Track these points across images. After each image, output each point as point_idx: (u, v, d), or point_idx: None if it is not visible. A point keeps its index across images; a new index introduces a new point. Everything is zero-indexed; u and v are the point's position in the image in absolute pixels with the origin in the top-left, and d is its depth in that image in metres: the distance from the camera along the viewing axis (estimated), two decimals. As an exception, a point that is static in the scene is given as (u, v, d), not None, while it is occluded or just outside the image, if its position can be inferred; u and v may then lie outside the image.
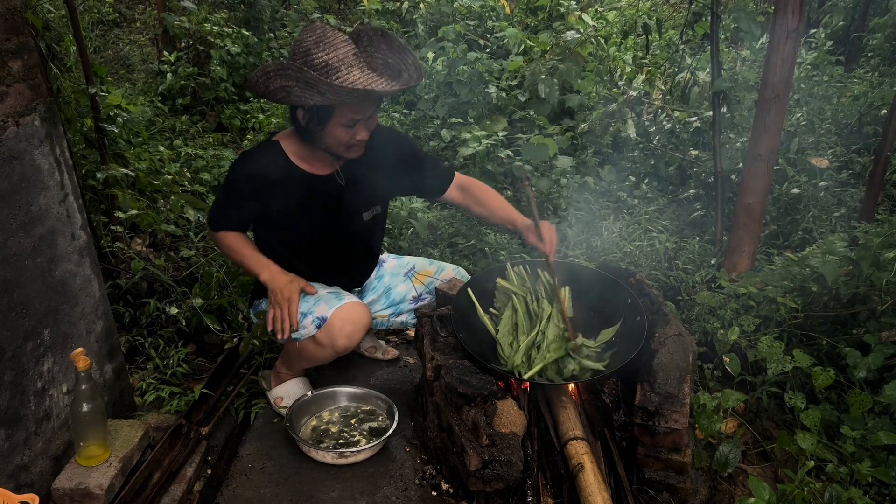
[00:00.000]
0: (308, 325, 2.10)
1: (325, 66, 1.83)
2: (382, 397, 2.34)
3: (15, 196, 1.70)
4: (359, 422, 2.30)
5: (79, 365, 1.78)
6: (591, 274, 2.35)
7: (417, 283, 2.49)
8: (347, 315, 2.11)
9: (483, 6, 5.77)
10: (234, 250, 2.15)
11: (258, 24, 6.23)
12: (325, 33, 1.88)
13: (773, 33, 2.47)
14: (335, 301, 2.13)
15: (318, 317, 2.10)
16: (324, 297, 2.15)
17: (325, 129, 1.98)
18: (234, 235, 2.15)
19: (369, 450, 2.15)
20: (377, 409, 2.35)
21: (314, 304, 2.14)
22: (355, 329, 2.12)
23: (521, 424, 1.93)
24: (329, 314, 2.09)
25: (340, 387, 2.40)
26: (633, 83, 4.82)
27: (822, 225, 3.30)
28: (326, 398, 2.36)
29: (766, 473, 2.16)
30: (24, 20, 1.73)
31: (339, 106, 1.90)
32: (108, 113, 3.33)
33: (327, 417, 2.33)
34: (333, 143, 2.02)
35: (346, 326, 2.10)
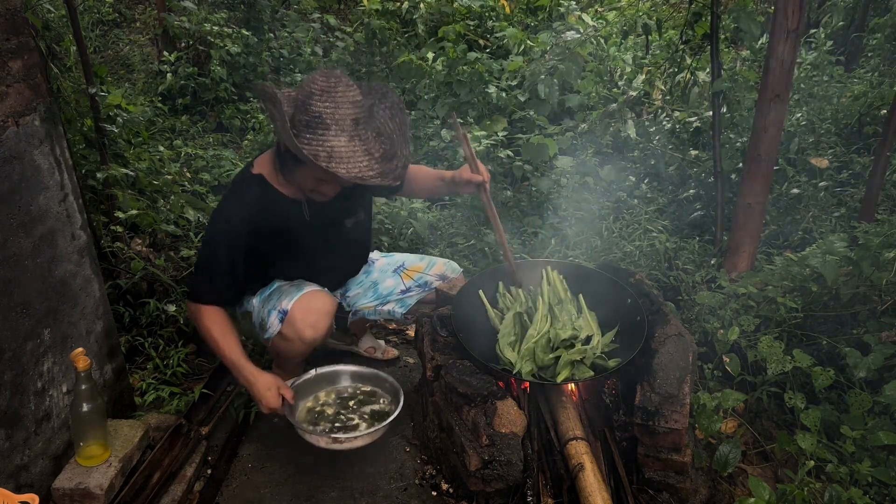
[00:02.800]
0: (273, 321, 2.10)
1: (317, 119, 1.76)
2: (389, 379, 2.20)
3: (15, 196, 1.70)
4: (358, 404, 2.17)
5: (79, 365, 1.78)
6: (591, 274, 2.35)
7: (407, 278, 2.47)
8: (308, 304, 2.08)
9: (483, 6, 5.76)
10: (214, 339, 2.00)
11: (258, 24, 6.23)
12: (337, 86, 1.79)
13: (773, 33, 2.47)
14: (295, 292, 2.11)
15: (280, 310, 2.08)
16: (284, 290, 2.13)
17: (296, 170, 1.94)
18: (217, 316, 2.01)
19: (368, 436, 1.99)
20: (379, 391, 2.22)
21: (276, 298, 2.12)
22: (319, 317, 2.09)
23: (521, 424, 1.93)
24: (290, 306, 2.07)
25: (345, 365, 2.27)
26: (633, 83, 4.81)
27: (822, 225, 3.29)
28: (325, 378, 2.24)
29: (766, 473, 2.16)
30: (24, 20, 1.73)
31: (309, 167, 1.85)
32: (108, 113, 3.33)
33: (324, 398, 2.20)
34: (297, 183, 1.99)
35: (309, 316, 2.07)
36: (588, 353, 2.02)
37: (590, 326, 2.12)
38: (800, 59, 4.82)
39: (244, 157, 4.85)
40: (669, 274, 2.99)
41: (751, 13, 3.06)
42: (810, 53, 5.02)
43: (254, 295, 2.23)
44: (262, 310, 2.16)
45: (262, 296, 2.20)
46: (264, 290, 2.21)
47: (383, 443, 2.29)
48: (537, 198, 3.76)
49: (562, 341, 2.06)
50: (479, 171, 2.12)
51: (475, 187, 2.15)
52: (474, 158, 2.12)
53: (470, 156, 2.11)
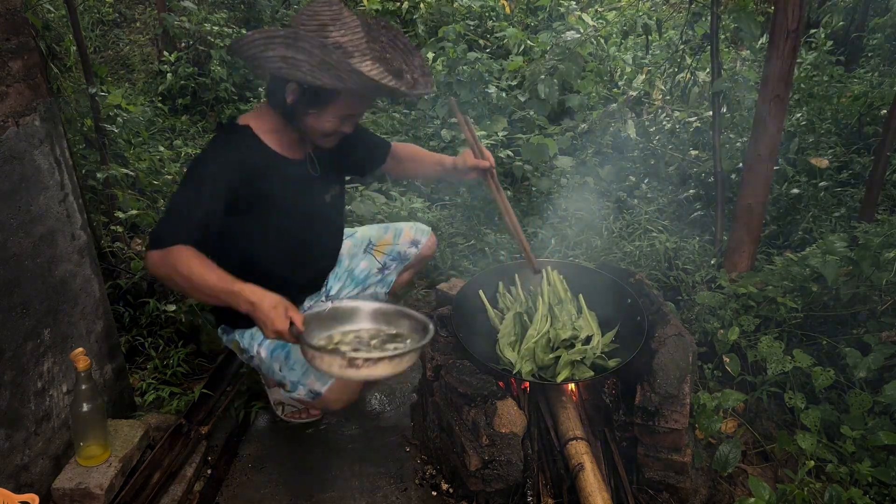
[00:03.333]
0: (301, 393, 2.00)
1: (340, 49, 1.63)
2: (416, 316, 1.85)
3: (15, 196, 1.70)
4: (380, 343, 1.84)
5: (79, 365, 1.78)
6: (591, 274, 2.35)
7: (379, 254, 2.37)
8: (343, 388, 1.99)
9: (483, 6, 5.77)
10: (197, 273, 1.62)
11: (258, 24, 6.23)
12: (342, 12, 1.69)
13: (773, 33, 2.47)
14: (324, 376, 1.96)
15: (311, 390, 1.99)
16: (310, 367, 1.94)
17: (313, 115, 1.78)
18: (191, 252, 1.65)
19: (390, 363, 1.61)
20: (405, 332, 1.87)
21: (302, 374, 1.98)
22: (352, 395, 2.05)
23: (521, 424, 1.93)
24: (323, 389, 1.97)
25: (364, 301, 1.93)
26: (633, 83, 4.82)
27: (822, 225, 3.29)
28: (342, 316, 1.88)
29: (766, 473, 2.16)
30: (24, 20, 1.73)
31: (343, 96, 1.74)
32: (108, 113, 3.34)
33: (339, 338, 1.85)
34: (314, 130, 1.83)
35: (343, 396, 2.01)
36: (588, 353, 2.02)
37: (590, 326, 2.12)
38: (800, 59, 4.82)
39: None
40: (669, 274, 2.99)
41: (751, 13, 3.06)
42: (810, 53, 5.03)
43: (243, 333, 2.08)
44: (277, 371, 2.04)
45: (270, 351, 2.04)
46: (267, 341, 2.04)
47: (383, 443, 2.29)
48: (537, 198, 3.76)
49: (562, 341, 2.06)
50: (484, 156, 2.04)
51: (480, 173, 2.07)
52: (478, 143, 2.04)
53: (473, 141, 2.03)
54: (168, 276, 1.64)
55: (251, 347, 2.08)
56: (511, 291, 2.32)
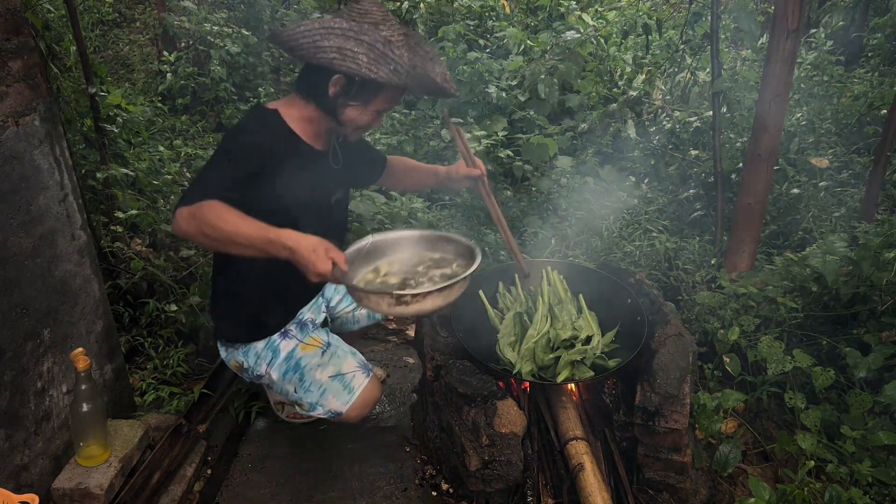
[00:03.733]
0: (319, 413, 2.01)
1: (390, 45, 1.68)
2: (461, 240, 1.87)
3: (15, 196, 1.70)
4: (427, 268, 1.85)
5: (79, 365, 1.78)
6: (591, 274, 2.35)
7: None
8: (363, 404, 2.01)
9: (483, 6, 5.77)
10: (226, 219, 1.58)
11: (258, 24, 6.23)
12: (389, 13, 1.74)
13: (773, 33, 2.47)
14: (344, 392, 1.99)
15: (331, 411, 1.99)
16: (328, 386, 1.99)
17: (354, 108, 1.80)
18: (219, 204, 1.60)
19: (440, 294, 1.59)
20: (451, 257, 1.88)
21: (320, 394, 1.98)
22: (371, 407, 2.06)
23: (521, 424, 1.93)
24: (344, 409, 1.98)
25: (404, 231, 1.95)
26: (633, 83, 4.82)
27: (822, 225, 3.29)
28: (386, 247, 1.90)
29: (767, 473, 2.16)
30: (24, 20, 1.73)
31: (387, 90, 1.77)
32: (107, 113, 3.34)
33: (385, 269, 1.86)
34: (351, 122, 1.83)
35: (363, 411, 2.02)
36: (588, 354, 2.02)
37: (590, 326, 2.12)
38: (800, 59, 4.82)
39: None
40: (669, 274, 2.99)
41: (751, 13, 3.06)
42: (810, 53, 5.03)
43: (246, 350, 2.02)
44: (292, 392, 2.01)
45: (282, 374, 2.01)
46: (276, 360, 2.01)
47: (383, 443, 2.29)
48: (537, 198, 3.76)
49: (562, 341, 2.06)
50: (475, 165, 2.08)
51: (472, 182, 2.13)
52: (469, 153, 2.09)
53: (464, 151, 2.08)
54: (198, 230, 1.58)
55: (257, 367, 2.02)
56: (511, 291, 2.32)
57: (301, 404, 2.01)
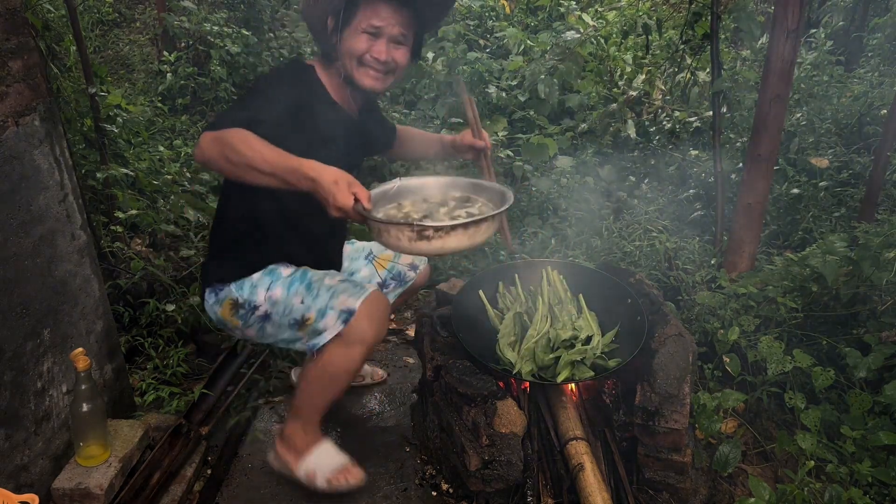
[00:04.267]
0: (329, 322, 1.81)
1: None
2: (493, 186, 1.79)
3: (15, 196, 1.70)
4: (452, 208, 1.75)
5: (79, 365, 1.78)
6: (591, 274, 2.35)
7: (379, 267, 2.33)
8: (376, 305, 1.84)
9: (483, 6, 5.77)
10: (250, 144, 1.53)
11: (258, 24, 6.23)
12: None
13: (773, 33, 2.47)
14: (356, 289, 1.85)
15: (343, 309, 1.81)
16: (339, 287, 1.86)
17: (345, 38, 1.82)
18: (245, 131, 1.57)
19: (464, 231, 1.46)
20: (477, 197, 1.80)
21: (330, 296, 1.84)
22: (384, 318, 1.87)
23: (521, 424, 1.93)
24: (357, 304, 1.80)
25: (433, 176, 1.88)
26: (633, 83, 4.82)
27: (823, 225, 3.29)
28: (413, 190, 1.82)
29: (766, 473, 2.16)
30: (24, 20, 1.73)
31: (365, 5, 1.79)
32: (107, 113, 3.34)
33: (409, 207, 1.76)
34: (348, 55, 1.83)
35: (377, 315, 1.83)
36: (588, 354, 2.02)
37: (590, 326, 2.12)
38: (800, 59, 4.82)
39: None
40: (669, 274, 2.99)
41: (751, 13, 3.06)
42: (810, 53, 5.03)
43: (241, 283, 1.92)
44: (298, 305, 1.86)
45: (287, 287, 1.89)
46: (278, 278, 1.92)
47: (383, 443, 2.28)
48: (537, 198, 3.76)
49: (562, 341, 2.05)
50: (481, 137, 2.05)
51: (475, 153, 2.08)
52: (478, 123, 2.05)
53: (474, 120, 2.04)
54: (220, 153, 1.54)
55: (253, 296, 1.91)
56: (511, 291, 2.32)
57: (308, 317, 1.84)
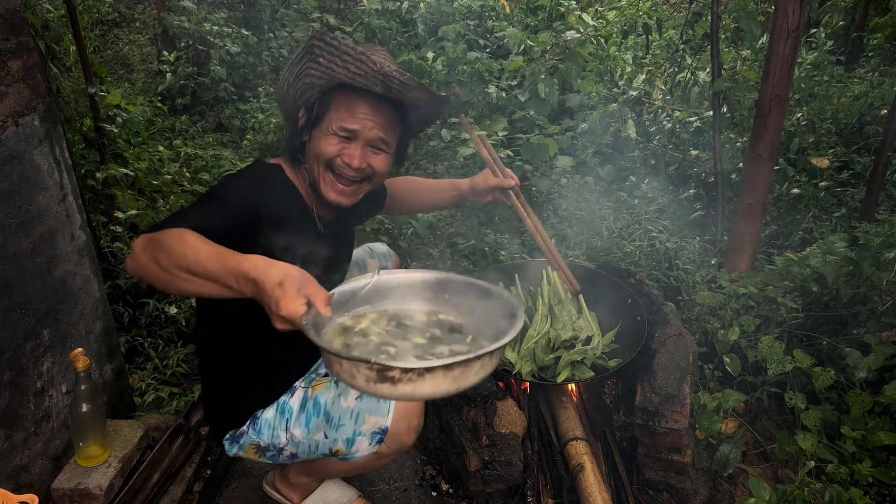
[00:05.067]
0: (362, 446, 1.63)
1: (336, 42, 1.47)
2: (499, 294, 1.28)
3: (14, 196, 1.70)
4: (430, 342, 1.22)
5: (78, 365, 1.77)
6: (592, 274, 2.35)
7: None
8: (407, 409, 1.65)
9: (483, 6, 5.76)
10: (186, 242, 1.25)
11: (258, 23, 6.23)
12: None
13: (774, 33, 2.47)
14: (380, 403, 1.63)
15: (374, 431, 1.62)
16: (359, 407, 1.64)
17: (313, 135, 1.59)
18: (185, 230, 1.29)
19: (444, 375, 1.00)
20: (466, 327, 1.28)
21: (354, 421, 1.63)
22: (420, 414, 1.69)
23: (521, 425, 1.93)
24: (388, 423, 1.61)
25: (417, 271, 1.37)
26: (633, 83, 4.82)
27: (823, 225, 3.29)
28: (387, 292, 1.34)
29: (767, 474, 2.16)
30: (23, 20, 1.73)
31: (338, 102, 1.56)
32: (107, 113, 3.33)
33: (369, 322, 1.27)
34: (315, 158, 1.59)
35: (413, 420, 1.65)
36: (588, 354, 2.02)
37: (590, 327, 2.12)
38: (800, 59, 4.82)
39: (244, 156, 4.84)
40: (670, 274, 2.98)
41: (751, 13, 3.06)
42: (811, 53, 5.03)
43: (257, 426, 1.71)
44: (323, 441, 1.66)
45: (305, 425, 1.67)
46: (292, 416, 1.69)
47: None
48: (537, 198, 3.76)
49: (562, 342, 2.05)
50: (506, 175, 1.87)
51: (502, 193, 1.89)
52: (497, 161, 1.87)
53: (491, 159, 1.86)
54: (152, 258, 1.26)
55: (276, 438, 1.69)
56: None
57: (338, 450, 1.66)
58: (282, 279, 1.16)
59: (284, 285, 1.15)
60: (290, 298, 1.14)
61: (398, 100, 1.58)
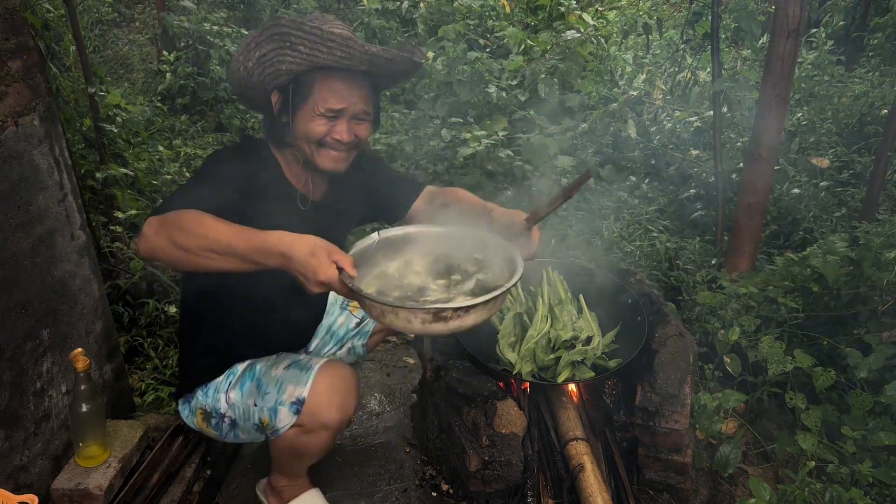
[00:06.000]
0: (282, 418, 1.66)
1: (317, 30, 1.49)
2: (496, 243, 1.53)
3: (14, 196, 1.70)
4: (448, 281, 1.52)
5: (78, 365, 1.77)
6: (592, 274, 2.35)
7: (354, 310, 2.18)
8: (331, 383, 1.67)
9: (483, 6, 5.76)
10: (204, 223, 1.34)
11: (258, 23, 6.23)
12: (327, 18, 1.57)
13: (774, 33, 2.47)
14: (300, 372, 1.68)
15: (293, 401, 1.65)
16: (280, 375, 1.70)
17: (300, 119, 1.59)
18: (194, 211, 1.37)
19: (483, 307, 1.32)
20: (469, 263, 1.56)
21: (274, 388, 1.68)
22: (346, 395, 1.69)
23: (522, 425, 1.93)
24: (306, 392, 1.64)
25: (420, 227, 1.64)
26: (633, 83, 4.82)
27: (823, 225, 3.29)
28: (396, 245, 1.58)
29: (767, 474, 2.16)
30: (23, 20, 1.73)
31: (319, 84, 1.56)
32: (107, 113, 3.33)
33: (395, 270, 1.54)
34: (305, 140, 1.61)
35: (335, 396, 1.66)
36: (589, 354, 2.02)
37: (590, 327, 2.11)
38: (800, 59, 4.82)
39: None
40: (670, 274, 2.98)
41: (751, 13, 3.06)
42: (811, 53, 5.03)
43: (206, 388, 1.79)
44: (253, 409, 1.71)
45: (240, 388, 1.74)
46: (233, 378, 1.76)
47: (383, 443, 2.28)
48: (537, 198, 3.76)
49: (562, 342, 2.05)
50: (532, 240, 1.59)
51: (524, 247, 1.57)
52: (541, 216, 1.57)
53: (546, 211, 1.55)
54: (168, 240, 1.32)
55: (217, 401, 1.76)
56: (511, 291, 2.32)
57: (264, 419, 1.69)
58: (312, 250, 1.28)
59: (317, 255, 1.28)
60: (325, 266, 1.27)
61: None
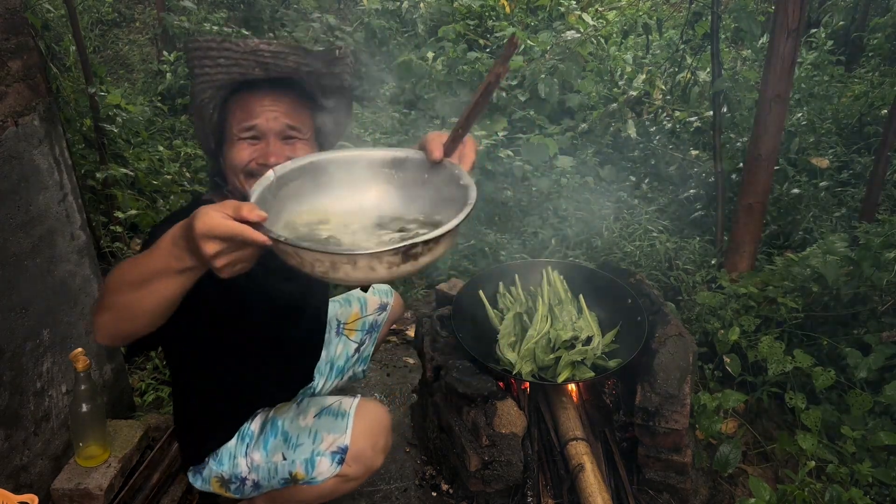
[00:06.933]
0: (323, 468, 1.58)
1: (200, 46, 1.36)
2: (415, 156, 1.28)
3: (14, 196, 1.70)
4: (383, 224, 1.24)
5: (78, 365, 1.77)
6: (592, 274, 2.35)
7: (351, 333, 2.11)
8: (370, 426, 1.62)
9: (483, 6, 5.76)
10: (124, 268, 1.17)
11: (258, 23, 6.23)
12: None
13: (774, 33, 2.47)
14: (337, 420, 1.62)
15: (333, 451, 1.58)
16: (317, 425, 1.62)
17: (224, 152, 1.46)
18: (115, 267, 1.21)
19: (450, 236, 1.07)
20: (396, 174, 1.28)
21: (312, 440, 1.60)
22: (387, 436, 1.65)
23: (521, 425, 1.93)
24: (348, 440, 1.58)
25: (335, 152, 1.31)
26: (633, 83, 4.82)
27: (823, 225, 3.29)
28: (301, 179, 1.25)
29: (767, 474, 2.16)
30: (23, 20, 1.73)
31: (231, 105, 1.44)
32: (107, 113, 3.33)
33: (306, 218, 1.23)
34: (232, 171, 1.44)
35: (379, 440, 1.62)
36: (588, 354, 2.02)
37: (590, 327, 2.11)
38: (800, 59, 4.82)
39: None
40: (670, 274, 2.98)
41: (751, 13, 3.06)
42: (811, 53, 5.03)
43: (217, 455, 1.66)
44: (282, 463, 1.61)
45: (264, 448, 1.63)
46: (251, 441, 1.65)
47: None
48: (537, 198, 3.76)
49: (562, 342, 2.05)
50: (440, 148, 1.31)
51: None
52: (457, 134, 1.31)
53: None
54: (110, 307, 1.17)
55: (236, 466, 1.65)
56: (511, 291, 2.32)
57: (297, 474, 1.60)
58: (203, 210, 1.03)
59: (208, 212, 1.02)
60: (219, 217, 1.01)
61: (288, 78, 1.42)
